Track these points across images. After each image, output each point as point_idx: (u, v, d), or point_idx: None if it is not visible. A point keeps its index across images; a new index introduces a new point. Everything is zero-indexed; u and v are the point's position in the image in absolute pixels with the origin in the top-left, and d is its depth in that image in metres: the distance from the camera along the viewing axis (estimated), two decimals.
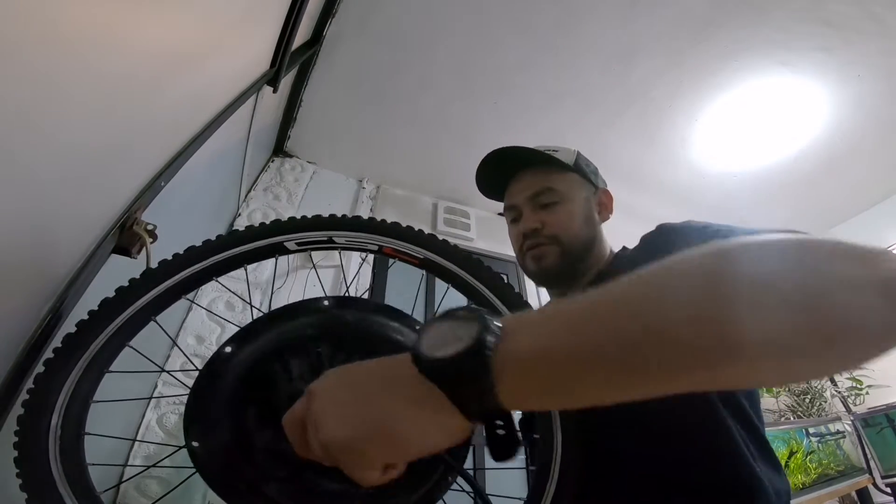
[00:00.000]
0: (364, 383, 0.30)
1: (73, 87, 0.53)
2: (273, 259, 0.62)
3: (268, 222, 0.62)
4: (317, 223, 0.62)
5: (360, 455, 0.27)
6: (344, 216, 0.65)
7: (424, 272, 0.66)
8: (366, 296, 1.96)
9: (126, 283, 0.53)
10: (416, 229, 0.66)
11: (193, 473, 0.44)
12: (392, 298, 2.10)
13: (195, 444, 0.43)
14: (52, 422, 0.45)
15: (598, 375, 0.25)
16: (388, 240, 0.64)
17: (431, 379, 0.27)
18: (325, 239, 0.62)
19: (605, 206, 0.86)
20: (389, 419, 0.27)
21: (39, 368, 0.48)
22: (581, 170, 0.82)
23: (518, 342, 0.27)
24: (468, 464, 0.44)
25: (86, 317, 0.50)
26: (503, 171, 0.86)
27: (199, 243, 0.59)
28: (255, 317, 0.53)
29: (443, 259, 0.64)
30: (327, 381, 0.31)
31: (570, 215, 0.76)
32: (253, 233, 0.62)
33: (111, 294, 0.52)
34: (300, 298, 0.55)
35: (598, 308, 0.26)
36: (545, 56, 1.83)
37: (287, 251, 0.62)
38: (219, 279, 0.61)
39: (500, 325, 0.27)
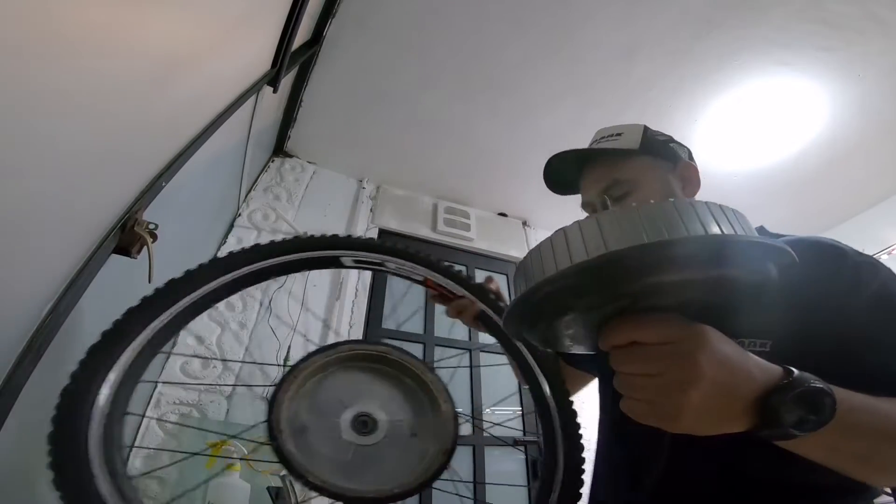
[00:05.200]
0: (728, 385, 0.32)
1: (74, 86, 0.53)
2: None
3: (324, 234, 0.70)
4: (375, 246, 0.68)
5: (667, 421, 0.32)
6: (398, 245, 0.70)
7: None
8: (365, 299, 1.97)
9: (200, 266, 0.58)
10: (465, 274, 0.72)
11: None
12: (392, 298, 2.10)
13: None
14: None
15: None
16: (433, 273, 0.69)
17: (802, 396, 0.31)
18: (378, 262, 0.67)
19: (688, 180, 0.77)
20: (715, 420, 0.32)
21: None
22: (652, 149, 0.73)
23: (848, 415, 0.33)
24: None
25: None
26: (571, 168, 0.82)
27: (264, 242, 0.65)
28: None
29: (486, 307, 0.69)
30: (709, 360, 0.31)
31: (644, 202, 0.71)
32: (316, 242, 0.68)
33: (157, 285, 0.57)
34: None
35: None
36: (545, 56, 1.83)
37: (342, 265, 0.67)
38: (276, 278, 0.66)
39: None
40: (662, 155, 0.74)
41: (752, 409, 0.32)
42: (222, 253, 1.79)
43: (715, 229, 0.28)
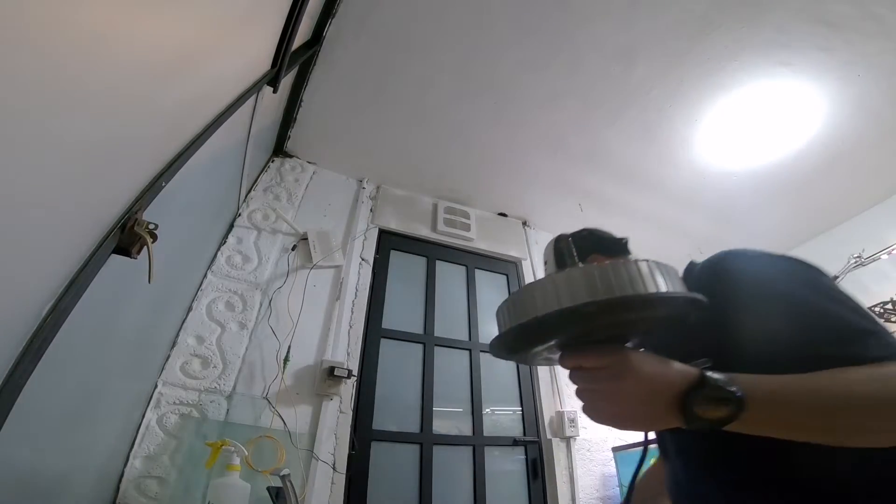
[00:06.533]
0: (648, 395, 0.40)
1: (74, 86, 0.53)
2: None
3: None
4: None
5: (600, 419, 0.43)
6: None
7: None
8: (365, 298, 1.97)
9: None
10: None
11: None
12: (392, 298, 2.10)
13: None
14: None
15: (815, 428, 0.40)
16: None
17: (709, 395, 0.39)
18: None
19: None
20: (643, 421, 0.42)
21: None
22: (565, 262, 0.78)
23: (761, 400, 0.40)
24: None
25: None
26: None
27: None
28: None
29: None
30: (631, 378, 0.40)
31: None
32: None
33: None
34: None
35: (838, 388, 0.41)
36: (545, 56, 1.83)
37: None
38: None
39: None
40: (570, 263, 0.77)
41: (675, 409, 0.40)
42: (222, 253, 1.79)
43: (651, 287, 0.38)
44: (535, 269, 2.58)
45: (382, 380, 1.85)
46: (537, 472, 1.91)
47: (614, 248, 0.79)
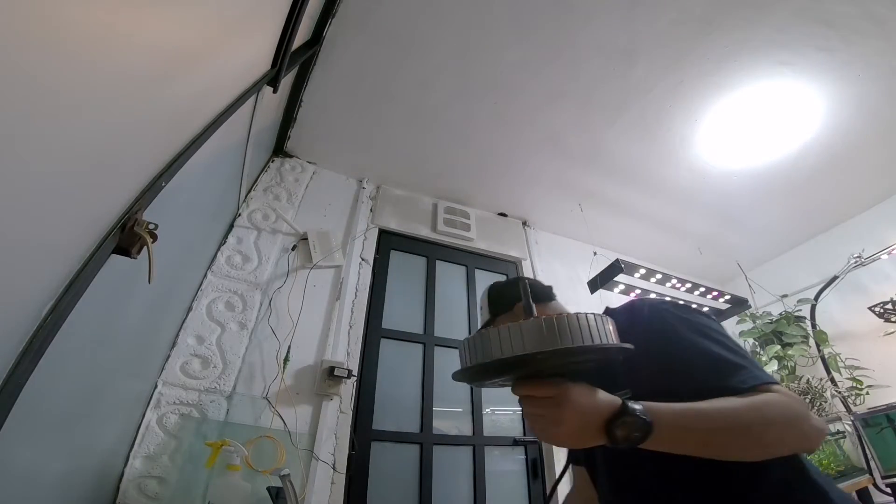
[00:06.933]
0: (581, 421, 0.51)
1: (74, 86, 0.53)
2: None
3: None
4: None
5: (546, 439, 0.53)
6: None
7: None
8: (365, 298, 1.97)
9: None
10: None
11: None
12: (392, 298, 2.10)
13: None
14: None
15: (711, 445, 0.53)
16: None
17: (627, 421, 0.50)
18: None
19: (518, 316, 0.91)
20: (577, 441, 0.51)
21: None
22: (501, 310, 0.91)
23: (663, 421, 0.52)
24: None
25: None
26: None
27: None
28: None
29: None
30: (569, 408, 0.50)
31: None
32: None
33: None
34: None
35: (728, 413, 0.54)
36: (545, 56, 1.83)
37: None
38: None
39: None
40: (507, 307, 0.90)
41: (602, 431, 0.50)
42: (222, 253, 1.79)
43: (595, 339, 0.48)
44: (534, 269, 2.58)
45: (382, 380, 1.85)
46: (537, 472, 1.91)
47: (541, 296, 0.90)
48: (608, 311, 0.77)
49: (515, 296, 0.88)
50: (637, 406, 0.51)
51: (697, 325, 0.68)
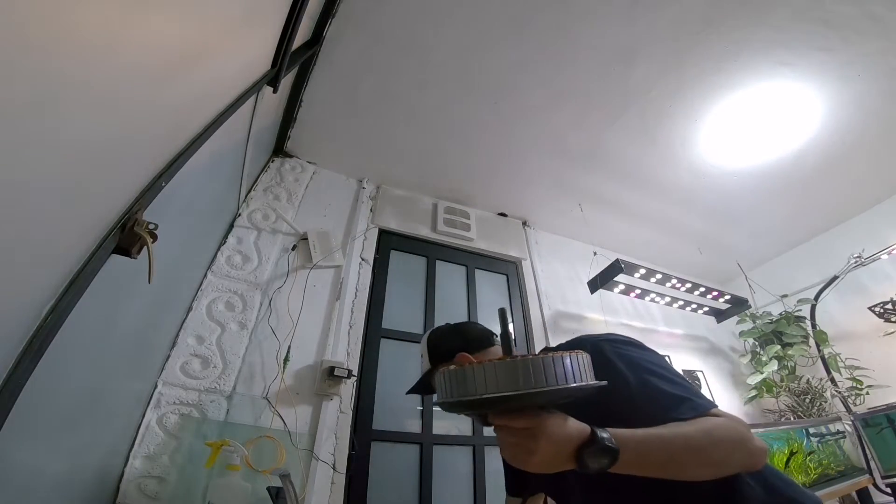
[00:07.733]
0: (554, 451, 0.54)
1: (74, 86, 0.53)
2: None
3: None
4: None
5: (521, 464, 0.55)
6: None
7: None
8: (365, 298, 1.97)
9: None
10: None
11: None
12: (392, 298, 2.10)
13: None
14: None
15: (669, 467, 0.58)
16: None
17: (596, 449, 0.53)
18: None
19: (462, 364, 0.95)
20: (547, 468, 0.54)
21: None
22: (441, 359, 0.92)
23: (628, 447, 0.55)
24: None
25: None
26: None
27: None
28: None
29: None
30: (544, 438, 0.53)
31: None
32: None
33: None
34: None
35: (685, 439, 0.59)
36: (545, 56, 1.83)
37: None
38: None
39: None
40: (447, 358, 0.91)
41: (573, 458, 0.53)
42: (222, 253, 1.79)
43: (571, 380, 0.51)
44: (535, 269, 2.58)
45: (382, 380, 1.85)
46: None
47: (480, 344, 0.92)
48: (547, 349, 0.79)
49: (455, 347, 0.91)
50: (604, 434, 0.54)
51: (637, 360, 0.72)
